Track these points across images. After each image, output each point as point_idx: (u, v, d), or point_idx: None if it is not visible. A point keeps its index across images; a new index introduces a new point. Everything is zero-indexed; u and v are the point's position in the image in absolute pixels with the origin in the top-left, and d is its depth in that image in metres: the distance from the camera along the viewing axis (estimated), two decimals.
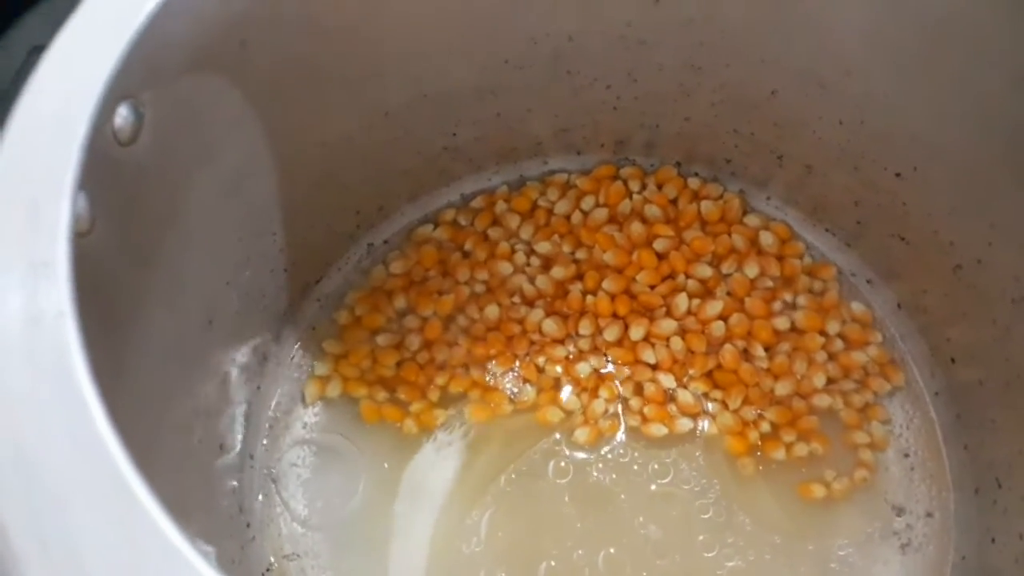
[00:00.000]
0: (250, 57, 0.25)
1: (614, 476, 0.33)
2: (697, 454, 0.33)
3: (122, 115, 0.21)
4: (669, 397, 0.34)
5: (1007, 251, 0.29)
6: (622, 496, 0.32)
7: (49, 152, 0.18)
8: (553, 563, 0.31)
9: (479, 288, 0.36)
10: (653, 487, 0.32)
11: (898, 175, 0.32)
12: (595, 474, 0.33)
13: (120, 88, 0.20)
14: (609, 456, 0.33)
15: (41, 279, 0.17)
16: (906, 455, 0.33)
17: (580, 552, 0.31)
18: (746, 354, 0.35)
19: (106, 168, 0.20)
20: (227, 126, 0.26)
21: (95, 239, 0.20)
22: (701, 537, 0.32)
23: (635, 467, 0.33)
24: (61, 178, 0.18)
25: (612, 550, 0.31)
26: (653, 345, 0.35)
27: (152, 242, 0.24)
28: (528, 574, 0.31)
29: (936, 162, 0.30)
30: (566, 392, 0.34)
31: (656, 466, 0.33)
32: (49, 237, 0.17)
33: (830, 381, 0.34)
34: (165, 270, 0.24)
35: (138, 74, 0.21)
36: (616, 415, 0.34)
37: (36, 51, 0.20)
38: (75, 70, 0.19)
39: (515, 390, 0.34)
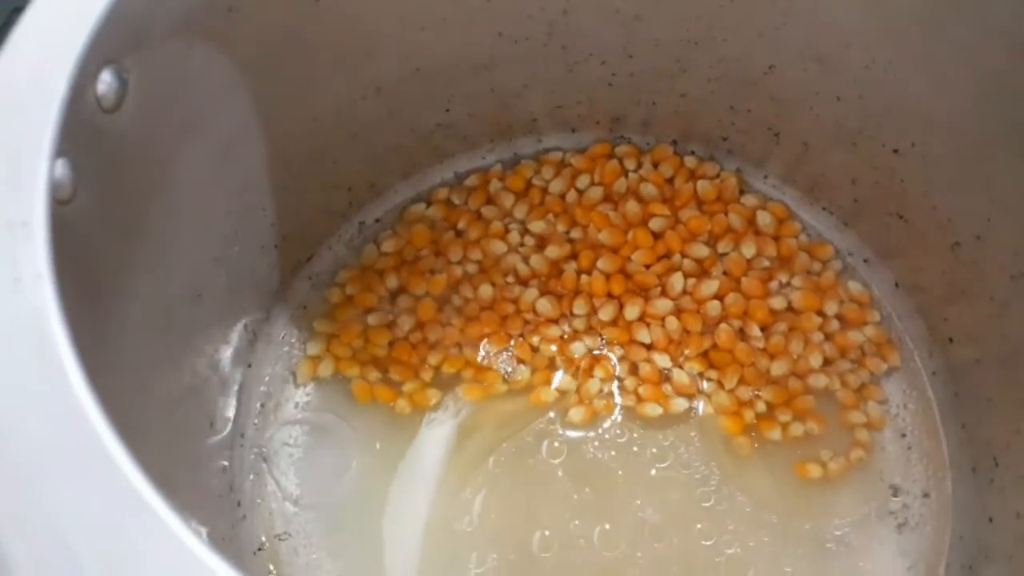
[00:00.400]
0: (238, 25, 0.25)
1: (613, 453, 0.32)
2: (693, 434, 0.33)
3: (105, 81, 0.20)
4: (664, 377, 0.34)
5: (1006, 226, 0.28)
6: (619, 472, 0.32)
7: (28, 113, 0.18)
8: (547, 533, 0.31)
9: (472, 268, 0.35)
10: (653, 471, 0.32)
11: (896, 151, 0.31)
12: (591, 452, 0.32)
13: (102, 51, 0.20)
14: (606, 436, 0.33)
15: (20, 239, 0.16)
16: (903, 435, 0.33)
17: (576, 523, 0.31)
18: (742, 334, 0.34)
19: (89, 135, 0.20)
20: (215, 97, 0.26)
21: (78, 206, 0.19)
22: (699, 525, 0.31)
23: (634, 448, 0.32)
24: (40, 139, 0.17)
25: (607, 526, 0.31)
26: (648, 325, 0.34)
27: (138, 212, 0.23)
28: (522, 548, 0.31)
29: (935, 137, 0.30)
30: (560, 372, 0.34)
31: (654, 450, 0.32)
32: (29, 198, 0.17)
33: (827, 361, 0.34)
34: (152, 241, 0.24)
35: (121, 37, 0.20)
36: (611, 395, 0.34)
37: (18, 12, 0.19)
38: (55, 31, 0.19)
39: (509, 370, 0.34)
